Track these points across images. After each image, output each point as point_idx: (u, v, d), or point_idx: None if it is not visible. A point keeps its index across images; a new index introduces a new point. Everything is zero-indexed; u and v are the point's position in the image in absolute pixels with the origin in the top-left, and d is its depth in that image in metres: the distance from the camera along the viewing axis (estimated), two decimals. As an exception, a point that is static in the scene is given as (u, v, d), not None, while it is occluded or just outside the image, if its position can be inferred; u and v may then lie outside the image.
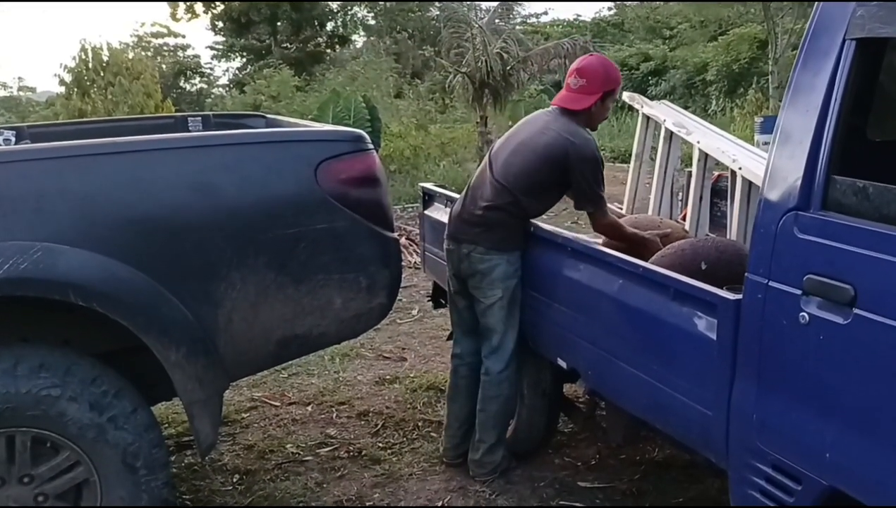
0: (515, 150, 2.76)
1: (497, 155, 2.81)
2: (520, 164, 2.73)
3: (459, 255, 2.79)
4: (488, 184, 2.76)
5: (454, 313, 2.98)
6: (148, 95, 9.38)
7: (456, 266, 2.83)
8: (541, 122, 2.77)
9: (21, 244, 2.05)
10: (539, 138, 2.72)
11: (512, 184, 2.71)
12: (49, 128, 3.50)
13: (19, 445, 2.12)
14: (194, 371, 2.26)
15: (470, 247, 2.76)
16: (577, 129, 2.68)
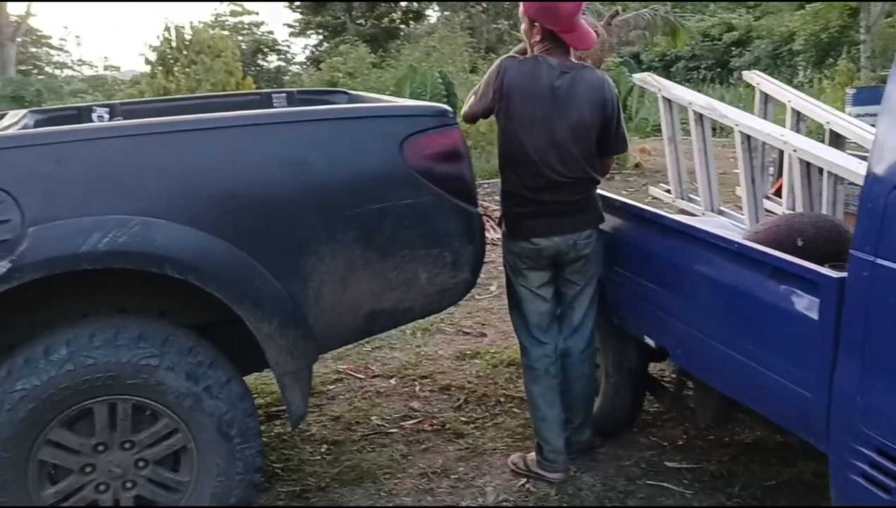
0: (565, 109, 2.52)
1: (543, 120, 2.51)
2: (577, 121, 2.53)
3: (560, 248, 2.60)
4: (563, 160, 2.54)
5: (541, 312, 2.68)
6: (229, 73, 9.58)
7: (552, 257, 2.62)
8: (561, 70, 2.53)
9: (120, 218, 2.11)
10: (584, 86, 2.54)
11: (582, 149, 2.56)
12: (139, 105, 3.61)
13: (121, 412, 2.20)
14: (286, 343, 2.30)
15: (574, 236, 2.60)
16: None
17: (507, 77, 2.52)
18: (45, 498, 2.17)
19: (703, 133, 3.50)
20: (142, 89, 10.98)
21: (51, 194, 2.08)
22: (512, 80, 2.52)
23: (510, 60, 2.57)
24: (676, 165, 3.76)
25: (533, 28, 2.57)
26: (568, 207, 2.60)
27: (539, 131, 2.52)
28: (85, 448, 2.19)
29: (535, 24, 2.56)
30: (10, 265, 2.02)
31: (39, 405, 2.10)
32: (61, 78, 13.27)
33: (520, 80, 2.52)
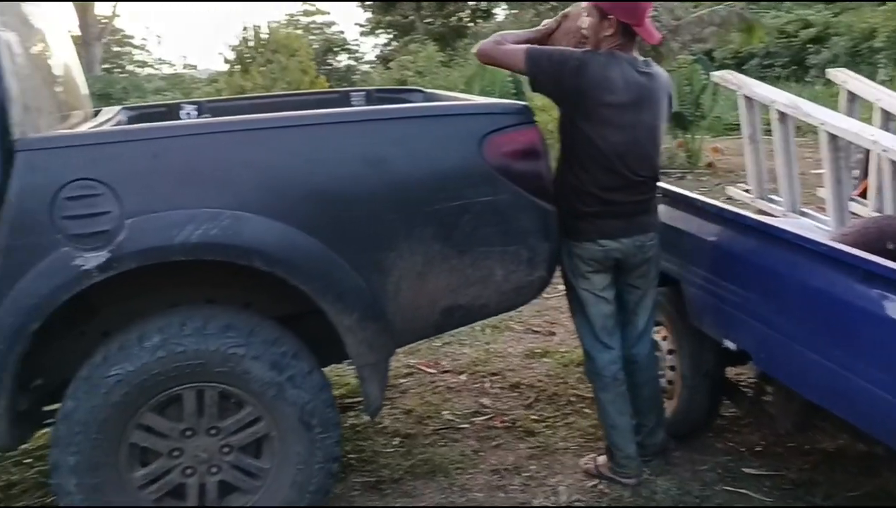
0: (646, 107, 2.49)
1: (626, 119, 2.46)
2: (654, 119, 2.52)
3: (627, 251, 2.55)
4: (640, 159, 2.51)
5: (606, 315, 2.61)
6: (303, 72, 9.77)
7: (618, 261, 2.57)
8: (638, 67, 2.50)
9: (211, 211, 2.19)
10: (659, 83, 2.53)
11: (655, 147, 2.55)
12: (225, 102, 3.72)
13: (208, 399, 2.28)
14: (365, 335, 2.35)
15: (641, 237, 2.56)
16: None
17: (589, 74, 2.43)
18: (135, 480, 2.26)
19: (786, 132, 3.42)
20: (219, 87, 11.28)
21: (148, 187, 2.17)
22: (593, 76, 2.43)
23: (589, 56, 2.47)
24: (757, 165, 3.68)
25: (604, 23, 2.48)
26: (637, 207, 2.56)
27: (621, 130, 2.47)
28: (174, 433, 2.28)
29: (607, 19, 2.48)
30: (109, 255, 2.11)
31: (133, 390, 2.19)
32: (142, 76, 13.77)
33: (601, 78, 2.44)
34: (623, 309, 2.68)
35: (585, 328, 2.65)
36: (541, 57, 2.48)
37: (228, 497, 2.36)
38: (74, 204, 2.10)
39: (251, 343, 2.27)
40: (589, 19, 2.54)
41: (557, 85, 2.47)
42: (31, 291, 2.09)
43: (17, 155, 2.09)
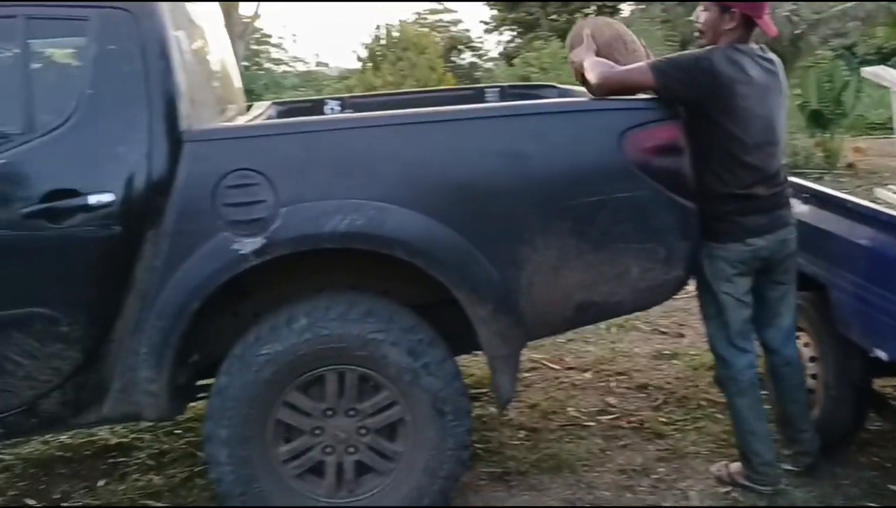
0: (776, 98, 2.49)
1: (762, 112, 2.44)
2: (782, 109, 2.52)
3: (773, 247, 2.49)
4: (775, 150, 2.48)
5: (744, 319, 2.54)
6: (431, 69, 9.96)
7: (765, 259, 2.51)
8: (762, 59, 2.49)
9: (358, 202, 2.28)
10: (781, 73, 2.52)
11: (783, 136, 2.53)
12: (366, 98, 3.85)
13: (348, 381, 2.38)
14: (499, 327, 2.39)
15: (783, 231, 2.50)
16: None
17: (721, 69, 2.38)
18: (280, 455, 2.39)
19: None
20: (349, 84, 11.64)
21: (300, 178, 2.29)
22: (725, 71, 2.38)
23: (717, 52, 2.42)
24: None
25: (725, 17, 2.45)
26: (776, 201, 2.50)
27: (758, 120, 2.42)
28: (316, 412, 2.39)
29: (729, 13, 2.44)
30: (264, 241, 2.24)
31: (281, 368, 2.32)
32: (277, 73, 14.41)
33: (734, 71, 2.39)
34: (765, 309, 2.60)
35: (720, 333, 2.57)
36: (667, 67, 2.43)
37: (364, 477, 2.45)
38: (234, 192, 2.24)
39: (390, 329, 2.35)
40: (706, 14, 2.51)
41: (694, 88, 2.40)
42: (194, 273, 2.25)
43: (184, 145, 2.26)
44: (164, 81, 2.26)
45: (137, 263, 2.26)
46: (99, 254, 2.24)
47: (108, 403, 2.36)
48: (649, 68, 2.43)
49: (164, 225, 2.25)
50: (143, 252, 2.26)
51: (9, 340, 2.23)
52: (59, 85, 2.38)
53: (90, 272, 2.26)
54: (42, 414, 2.33)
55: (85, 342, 2.28)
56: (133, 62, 2.24)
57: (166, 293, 2.26)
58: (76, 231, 2.21)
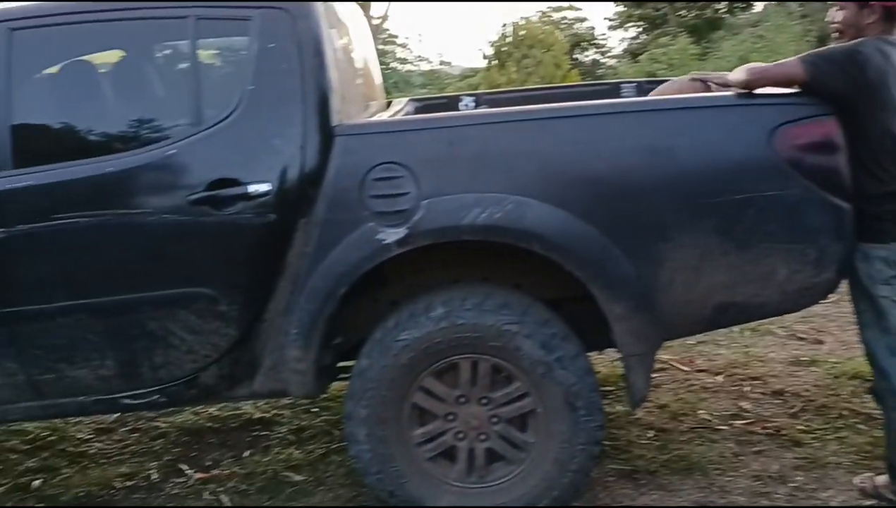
0: None
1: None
2: None
3: None
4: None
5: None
6: (556, 66, 9.91)
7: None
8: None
9: (497, 196, 2.33)
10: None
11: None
12: (500, 95, 3.91)
13: (481, 370, 2.44)
14: (635, 325, 2.38)
15: None
16: None
17: (875, 62, 2.28)
18: (414, 437, 2.48)
19: None
20: (472, 82, 11.77)
21: (442, 172, 2.36)
22: (879, 64, 2.29)
23: (866, 45, 2.32)
24: None
25: (864, 11, 2.36)
26: None
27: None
28: (450, 398, 2.47)
29: (868, 6, 2.35)
30: (406, 232, 2.33)
31: (417, 354, 2.40)
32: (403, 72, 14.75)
33: (885, 63, 2.30)
34: None
35: (880, 341, 2.42)
36: (819, 60, 2.35)
37: (494, 465, 2.51)
38: (380, 184, 2.34)
39: (524, 321, 2.39)
40: (844, 13, 2.43)
41: (849, 82, 2.29)
42: (341, 260, 2.37)
43: (335, 140, 2.38)
44: (319, 78, 2.38)
45: (290, 249, 2.40)
46: (256, 239, 2.40)
47: (258, 379, 2.53)
48: (799, 61, 2.36)
49: (315, 214, 2.37)
50: (295, 239, 2.39)
51: (174, 317, 2.42)
52: (223, 81, 2.56)
53: (247, 256, 2.41)
54: (201, 386, 2.52)
55: (241, 321, 2.44)
56: (290, 59, 2.38)
57: (315, 278, 2.39)
58: (236, 218, 2.37)
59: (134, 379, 2.50)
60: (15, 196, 2.40)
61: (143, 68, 2.80)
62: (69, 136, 2.59)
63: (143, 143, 2.46)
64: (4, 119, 2.43)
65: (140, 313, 2.43)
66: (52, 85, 2.76)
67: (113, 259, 2.42)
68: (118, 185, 2.41)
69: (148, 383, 2.51)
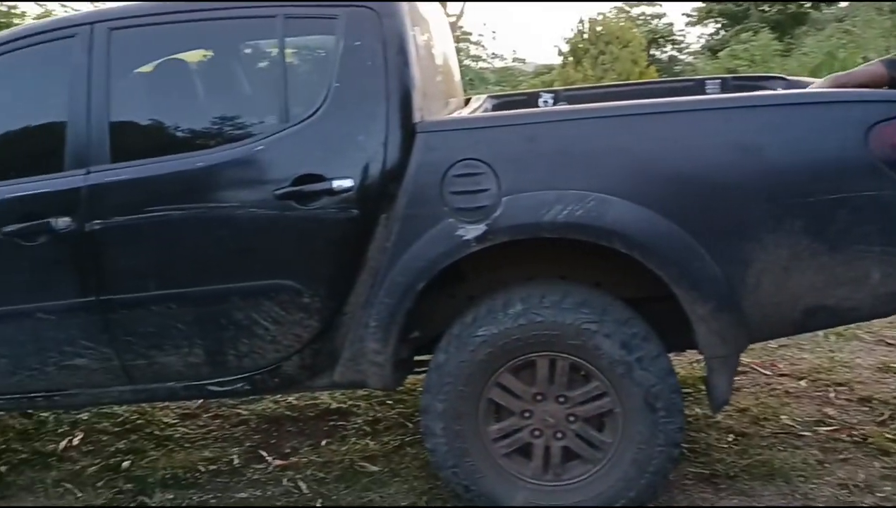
0: None
1: None
2: None
3: None
4: None
5: None
6: (634, 62, 9.76)
7: None
8: None
9: (578, 193, 2.31)
10: None
11: None
12: (579, 91, 3.87)
13: (559, 369, 2.43)
14: (718, 327, 2.33)
15: None
16: None
17: None
18: (490, 433, 2.49)
19: None
20: (547, 79, 11.70)
21: (523, 169, 2.36)
22: None
23: None
24: None
25: None
26: None
27: None
28: (526, 395, 2.46)
29: None
30: (485, 228, 2.34)
31: (495, 350, 2.41)
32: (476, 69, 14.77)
33: None
34: None
35: None
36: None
37: (570, 464, 2.50)
38: (461, 181, 2.35)
39: (604, 320, 2.37)
40: None
41: None
42: (421, 255, 2.39)
43: (417, 136, 2.40)
44: (402, 75, 2.42)
45: (370, 244, 2.44)
46: (338, 234, 2.45)
47: (338, 370, 2.58)
48: (880, 61, 2.29)
49: (396, 209, 2.41)
50: (375, 234, 2.43)
51: (260, 307, 2.49)
52: (309, 78, 2.63)
53: (330, 250, 2.47)
54: (283, 375, 2.59)
55: (322, 313, 2.50)
56: (375, 57, 2.42)
57: (395, 272, 2.42)
58: (320, 212, 2.42)
59: (220, 367, 2.59)
60: (111, 189, 2.51)
61: (233, 66, 2.90)
62: (162, 132, 2.70)
63: (231, 139, 2.54)
64: (104, 115, 2.54)
65: (227, 303, 2.51)
66: (147, 83, 2.88)
67: (202, 250, 2.51)
68: (208, 180, 2.50)
69: (233, 371, 2.59)
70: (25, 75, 2.75)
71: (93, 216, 2.49)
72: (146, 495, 2.87)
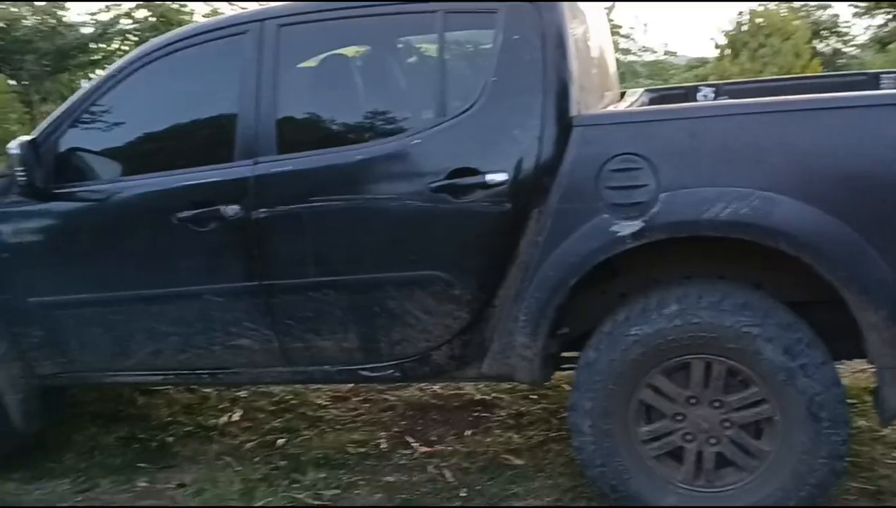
0: None
1: None
2: None
3: None
4: None
5: None
6: (796, 55, 9.22)
7: None
8: None
9: (741, 190, 2.22)
10: None
11: None
12: (741, 85, 3.71)
13: (715, 372, 2.34)
14: (892, 336, 2.18)
15: None
16: None
17: None
18: (640, 434, 2.44)
19: None
20: (700, 73, 11.26)
21: (684, 164, 2.29)
22: None
23: None
24: None
25: None
26: None
27: None
28: (679, 398, 2.39)
29: None
30: (641, 225, 2.29)
31: (648, 350, 2.35)
32: (626, 62, 14.40)
33: None
34: None
35: None
36: None
37: (723, 471, 2.41)
38: (617, 175, 2.31)
39: (766, 324, 2.26)
40: None
41: None
42: (574, 250, 2.37)
43: (573, 130, 2.38)
44: (560, 69, 2.41)
45: (522, 238, 2.45)
46: (490, 227, 2.47)
47: (486, 362, 2.61)
48: None
49: (549, 203, 2.40)
50: (527, 228, 2.44)
51: (412, 297, 2.56)
52: (466, 73, 2.66)
53: (482, 243, 2.49)
54: (432, 364, 2.64)
55: (472, 304, 2.53)
56: (534, 51, 2.41)
57: (546, 267, 2.42)
58: (473, 206, 2.45)
59: (373, 353, 2.68)
60: (276, 179, 2.64)
61: (391, 62, 2.98)
62: (324, 126, 2.83)
63: (389, 133, 2.62)
64: (271, 108, 2.67)
65: (381, 292, 2.59)
66: (310, 78, 3.02)
67: (359, 240, 2.60)
68: (365, 172, 2.59)
69: (385, 358, 2.68)
70: (199, 70, 2.94)
71: (259, 204, 2.63)
72: (300, 472, 3.01)
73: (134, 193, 2.80)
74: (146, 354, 2.87)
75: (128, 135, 2.96)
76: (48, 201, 2.83)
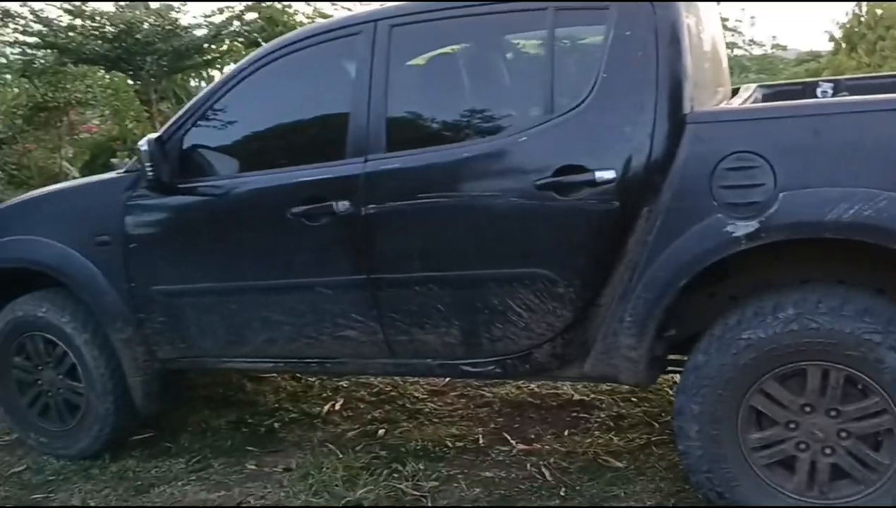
0: None
1: None
2: None
3: None
4: None
5: None
6: (920, 49, 8.70)
7: None
8: None
9: (867, 191, 2.12)
10: None
11: None
12: (864, 81, 3.53)
13: (832, 380, 2.25)
14: None
15: None
16: None
17: None
18: (750, 441, 2.36)
19: None
20: (811, 68, 10.77)
21: (804, 163, 2.21)
22: None
23: None
24: None
25: None
26: None
27: None
28: (793, 406, 2.31)
29: None
30: (757, 225, 2.22)
31: (760, 356, 2.28)
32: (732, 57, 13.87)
33: None
34: None
35: None
36: None
37: (838, 483, 2.31)
38: (733, 174, 2.25)
39: (889, 332, 2.16)
40: None
41: None
42: (684, 250, 2.32)
43: (686, 127, 2.33)
44: (674, 66, 2.36)
45: (630, 236, 2.41)
46: (597, 225, 2.44)
47: (589, 362, 2.58)
48: None
49: (660, 202, 2.35)
50: (636, 226, 2.40)
51: (515, 294, 2.56)
52: (575, 70, 2.64)
53: (588, 241, 2.47)
54: (533, 362, 2.64)
55: (576, 303, 2.51)
56: (647, 48, 2.37)
57: (655, 267, 2.37)
58: (579, 203, 2.43)
59: (474, 349, 2.70)
60: (385, 176, 2.69)
61: (499, 59, 2.99)
62: (431, 123, 2.86)
63: (495, 131, 2.63)
64: (382, 107, 2.73)
65: (484, 288, 2.60)
66: (418, 76, 3.06)
67: (463, 236, 2.62)
68: (471, 170, 2.60)
69: (486, 354, 2.69)
70: (314, 70, 3.04)
71: (368, 200, 2.68)
72: (399, 462, 3.07)
73: (251, 189, 2.92)
74: (260, 342, 2.99)
75: (245, 133, 3.10)
76: (172, 195, 2.98)
